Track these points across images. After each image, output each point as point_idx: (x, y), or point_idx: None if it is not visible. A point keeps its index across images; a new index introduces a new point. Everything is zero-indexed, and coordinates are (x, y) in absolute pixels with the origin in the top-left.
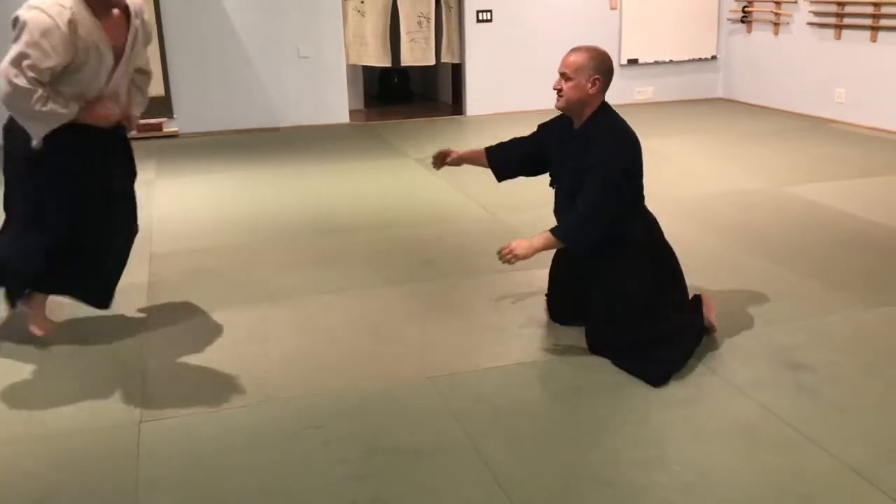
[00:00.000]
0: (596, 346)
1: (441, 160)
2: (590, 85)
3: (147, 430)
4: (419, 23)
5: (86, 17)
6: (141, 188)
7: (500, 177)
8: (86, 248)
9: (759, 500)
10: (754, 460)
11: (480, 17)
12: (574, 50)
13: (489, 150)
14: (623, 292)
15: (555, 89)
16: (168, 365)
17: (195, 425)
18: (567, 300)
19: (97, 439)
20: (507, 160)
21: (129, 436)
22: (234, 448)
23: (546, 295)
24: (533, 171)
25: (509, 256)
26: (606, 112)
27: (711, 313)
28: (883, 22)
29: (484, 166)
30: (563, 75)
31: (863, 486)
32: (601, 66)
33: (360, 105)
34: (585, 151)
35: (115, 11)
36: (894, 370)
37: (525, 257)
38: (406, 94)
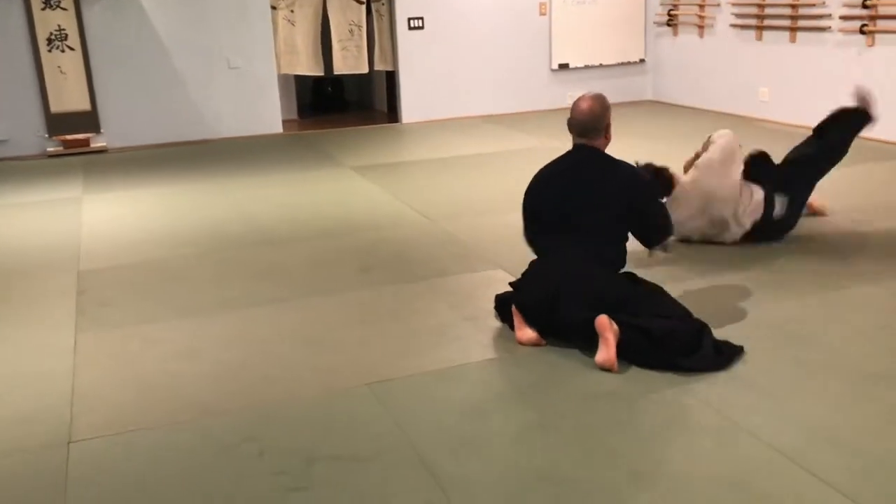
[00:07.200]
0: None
1: None
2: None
3: (76, 450)
4: (350, 31)
5: None
6: (67, 205)
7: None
8: None
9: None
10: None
11: (412, 25)
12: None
13: None
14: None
15: None
16: (98, 382)
17: (126, 444)
18: None
19: (24, 460)
20: None
21: (58, 456)
22: (166, 465)
23: None
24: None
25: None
26: None
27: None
28: (801, 23)
29: None
30: None
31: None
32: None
33: (294, 115)
34: None
35: None
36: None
37: None
38: (341, 103)
